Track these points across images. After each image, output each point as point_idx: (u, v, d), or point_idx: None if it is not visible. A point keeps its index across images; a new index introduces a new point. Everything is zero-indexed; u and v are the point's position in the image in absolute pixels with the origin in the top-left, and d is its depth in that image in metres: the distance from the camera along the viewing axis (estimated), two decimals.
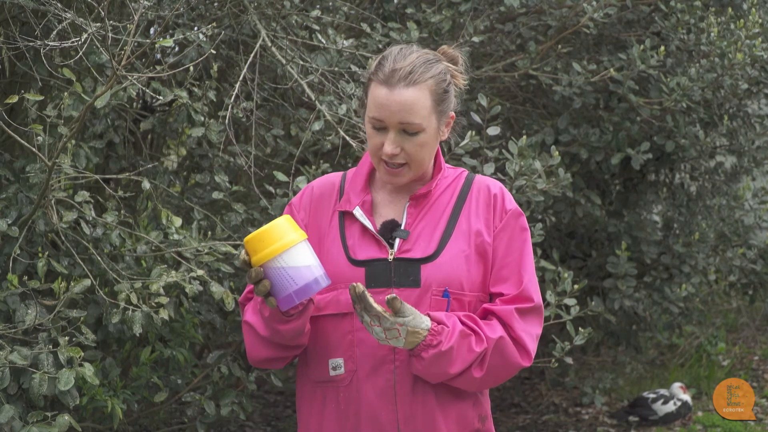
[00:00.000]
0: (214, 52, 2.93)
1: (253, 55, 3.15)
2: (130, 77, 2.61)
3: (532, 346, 1.96)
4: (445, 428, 1.95)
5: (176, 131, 3.50)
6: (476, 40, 3.73)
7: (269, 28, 3.30)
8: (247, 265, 1.87)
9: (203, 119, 3.14)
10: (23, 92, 2.64)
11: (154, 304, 2.77)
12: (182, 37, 3.09)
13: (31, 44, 2.70)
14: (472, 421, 1.99)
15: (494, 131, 3.31)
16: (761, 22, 4.04)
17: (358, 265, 1.96)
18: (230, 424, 4.66)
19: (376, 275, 1.94)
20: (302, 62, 3.25)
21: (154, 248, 2.95)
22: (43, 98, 2.73)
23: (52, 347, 2.54)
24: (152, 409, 3.39)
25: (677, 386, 4.95)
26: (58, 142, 2.69)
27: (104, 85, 2.62)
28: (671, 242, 4.74)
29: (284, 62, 3.19)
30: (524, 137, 3.25)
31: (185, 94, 3.08)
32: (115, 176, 3.15)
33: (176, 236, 2.98)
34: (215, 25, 3.10)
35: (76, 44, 2.60)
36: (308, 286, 1.84)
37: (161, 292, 2.81)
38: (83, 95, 2.76)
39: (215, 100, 3.27)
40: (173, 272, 2.84)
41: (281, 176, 3.16)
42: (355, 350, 1.95)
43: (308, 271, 1.84)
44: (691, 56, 4.35)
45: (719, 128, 4.47)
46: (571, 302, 3.38)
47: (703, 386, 5.61)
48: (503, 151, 3.28)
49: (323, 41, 3.35)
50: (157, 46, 2.85)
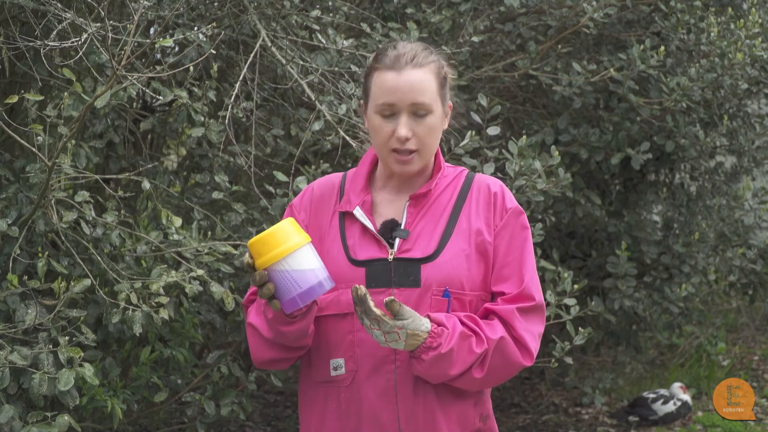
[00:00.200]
0: (214, 52, 2.93)
1: (253, 55, 3.15)
2: (130, 77, 2.61)
3: (533, 345, 1.96)
4: (446, 428, 1.95)
5: (176, 131, 3.50)
6: (476, 40, 3.73)
7: (269, 28, 3.30)
8: (251, 268, 1.87)
9: (203, 119, 3.14)
10: (23, 92, 2.64)
11: (154, 304, 2.77)
12: (182, 37, 3.09)
13: (31, 44, 2.70)
14: (473, 420, 1.99)
15: (494, 131, 3.30)
16: (761, 22, 4.04)
17: (358, 265, 1.96)
18: (230, 424, 4.66)
19: (376, 275, 1.94)
20: (302, 62, 3.25)
21: (154, 248, 2.95)
22: (43, 98, 2.73)
23: (52, 347, 2.54)
24: (152, 409, 3.38)
25: (677, 386, 4.95)
26: (58, 142, 2.69)
27: (104, 85, 2.62)
28: (671, 242, 4.73)
29: (284, 62, 3.19)
30: (524, 137, 3.25)
31: (185, 94, 3.08)
32: (115, 176, 3.15)
33: (176, 236, 2.98)
34: (215, 25, 3.10)
35: (76, 44, 2.60)
36: (312, 289, 1.85)
37: (161, 292, 2.81)
38: (83, 95, 2.76)
39: (215, 100, 3.27)
40: (173, 272, 2.84)
41: (281, 176, 3.16)
42: (355, 350, 1.95)
43: (312, 274, 1.85)
44: (691, 56, 4.35)
45: (719, 128, 4.47)
46: (571, 302, 3.38)
47: (703, 386, 5.62)
48: (503, 151, 3.28)
49: (323, 41, 3.35)
50: (157, 46, 2.85)
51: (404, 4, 3.99)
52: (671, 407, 4.87)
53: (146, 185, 2.98)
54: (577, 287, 3.42)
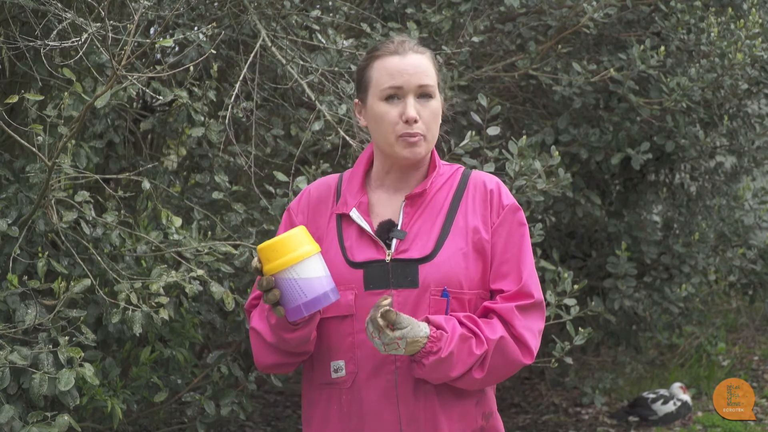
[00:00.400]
0: (214, 52, 2.93)
1: (253, 55, 3.15)
2: (130, 77, 2.61)
3: (533, 342, 1.95)
4: (447, 428, 1.95)
5: (176, 131, 3.50)
6: (476, 40, 3.73)
7: (269, 28, 3.30)
8: (259, 272, 1.88)
9: (203, 119, 3.14)
10: (23, 92, 2.64)
11: (154, 304, 2.77)
12: (182, 37, 3.09)
13: (31, 44, 2.70)
14: (475, 419, 1.99)
15: (494, 131, 3.30)
16: (761, 22, 4.04)
17: (355, 267, 1.96)
18: (230, 424, 4.66)
19: (374, 277, 1.94)
20: (302, 62, 3.25)
21: (154, 248, 2.95)
22: (43, 98, 2.73)
23: (52, 347, 2.54)
24: (152, 409, 3.38)
25: (677, 386, 4.94)
26: (58, 142, 2.69)
27: (104, 85, 2.62)
28: (671, 242, 4.73)
29: (284, 62, 3.19)
30: (524, 137, 3.25)
31: (185, 94, 3.08)
32: (115, 176, 3.15)
33: (176, 236, 2.98)
34: (215, 25, 3.10)
35: (76, 44, 2.60)
36: (318, 299, 1.85)
37: (161, 292, 2.81)
38: (83, 95, 2.76)
39: (215, 100, 3.27)
40: (173, 272, 2.84)
41: (281, 176, 3.16)
42: (356, 352, 1.95)
43: (319, 284, 1.86)
44: (691, 56, 4.35)
45: (719, 128, 4.47)
46: (571, 302, 3.38)
47: (703, 386, 5.61)
48: (503, 151, 3.28)
49: (323, 41, 3.35)
50: (157, 46, 2.85)
51: (404, 4, 3.99)
52: (671, 407, 4.87)
53: (146, 185, 2.98)
54: (577, 287, 3.42)
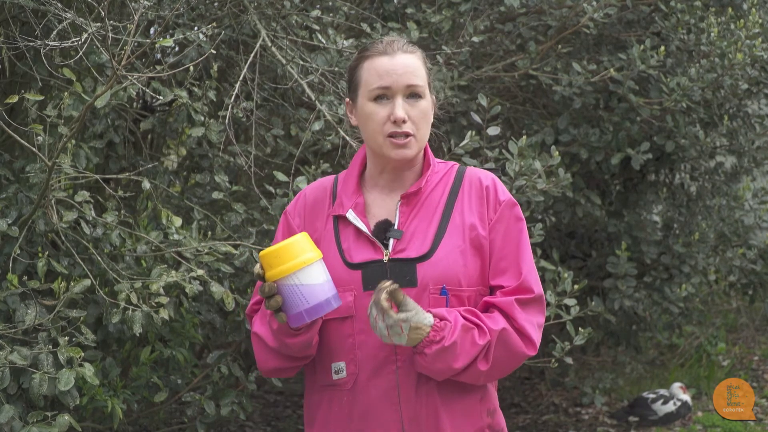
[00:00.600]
0: (214, 52, 2.93)
1: (253, 55, 3.15)
2: (130, 77, 2.61)
3: (535, 335, 1.95)
4: (450, 426, 1.95)
5: (176, 131, 3.50)
6: (476, 40, 3.73)
7: (269, 28, 3.30)
8: (261, 279, 1.88)
9: (203, 119, 3.14)
10: (23, 92, 2.64)
11: (154, 304, 2.77)
12: (182, 37, 3.09)
13: (31, 44, 2.70)
14: (480, 416, 1.99)
15: (494, 131, 3.30)
16: (761, 22, 4.04)
17: (354, 268, 1.96)
18: (230, 424, 4.66)
19: (372, 277, 1.94)
20: (302, 62, 3.25)
21: (154, 248, 2.95)
22: (43, 98, 2.73)
23: (52, 347, 2.54)
24: (152, 409, 3.38)
25: (677, 386, 4.94)
26: (58, 142, 2.69)
27: (104, 85, 2.62)
28: (671, 242, 4.74)
29: (284, 62, 3.19)
30: (524, 137, 3.25)
31: (185, 94, 3.08)
32: (115, 176, 3.15)
33: (176, 236, 2.98)
34: (215, 25, 3.10)
35: (76, 44, 2.60)
36: (320, 305, 1.86)
37: (161, 292, 2.81)
38: (83, 95, 2.76)
39: (215, 100, 3.27)
40: (173, 272, 2.84)
41: (281, 176, 3.16)
42: (356, 353, 1.95)
43: (321, 290, 1.86)
44: (691, 56, 4.35)
45: (719, 128, 4.47)
46: (571, 302, 3.38)
47: (703, 386, 5.61)
48: (503, 151, 3.28)
49: (323, 41, 3.35)
50: (157, 46, 2.85)
51: (404, 4, 3.99)
52: (671, 407, 4.87)
53: (146, 185, 2.98)
54: (577, 287, 3.42)
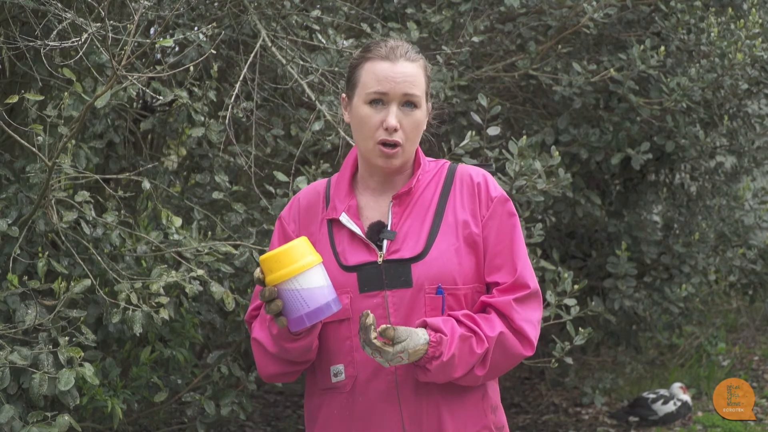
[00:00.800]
0: (214, 52, 2.93)
1: (253, 55, 3.15)
2: (130, 77, 2.61)
3: (533, 334, 1.95)
4: (452, 425, 1.95)
5: (176, 131, 3.50)
6: (476, 40, 3.73)
7: (269, 28, 3.30)
8: (261, 283, 1.88)
9: (203, 119, 3.14)
10: (23, 92, 2.64)
11: (154, 304, 2.77)
12: (182, 37, 3.09)
13: (31, 44, 2.70)
14: (483, 413, 2.00)
15: (494, 131, 3.31)
16: (761, 22, 4.04)
17: (349, 270, 1.96)
18: (230, 424, 4.66)
19: (367, 279, 1.95)
20: (302, 62, 3.25)
21: (154, 248, 2.95)
22: (43, 98, 2.73)
23: (52, 347, 2.54)
24: (152, 409, 3.38)
25: (677, 386, 4.94)
26: (58, 142, 2.69)
27: (104, 85, 2.62)
28: (671, 242, 4.74)
29: (284, 62, 3.19)
30: (524, 137, 3.25)
31: (185, 94, 3.08)
32: (115, 176, 3.15)
33: (176, 236, 2.98)
34: (215, 25, 3.10)
35: (76, 44, 2.60)
36: (320, 309, 1.86)
37: (161, 292, 2.81)
38: (83, 95, 2.76)
39: (215, 100, 3.27)
40: (173, 272, 2.84)
41: (281, 176, 3.16)
42: (354, 355, 1.95)
43: (321, 294, 1.86)
44: (691, 56, 4.35)
45: (719, 128, 4.47)
46: (571, 302, 3.38)
47: (703, 386, 5.61)
48: (503, 151, 3.28)
49: (323, 41, 3.35)
50: (157, 46, 2.85)
51: (404, 4, 3.99)
52: (671, 407, 4.87)
53: (146, 185, 2.98)
54: (577, 287, 3.42)
